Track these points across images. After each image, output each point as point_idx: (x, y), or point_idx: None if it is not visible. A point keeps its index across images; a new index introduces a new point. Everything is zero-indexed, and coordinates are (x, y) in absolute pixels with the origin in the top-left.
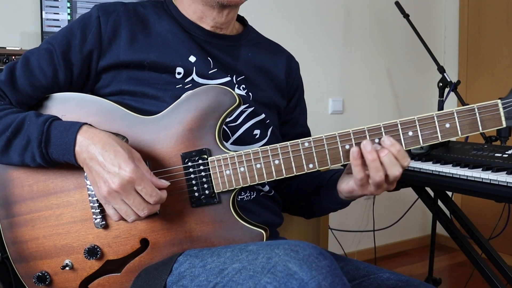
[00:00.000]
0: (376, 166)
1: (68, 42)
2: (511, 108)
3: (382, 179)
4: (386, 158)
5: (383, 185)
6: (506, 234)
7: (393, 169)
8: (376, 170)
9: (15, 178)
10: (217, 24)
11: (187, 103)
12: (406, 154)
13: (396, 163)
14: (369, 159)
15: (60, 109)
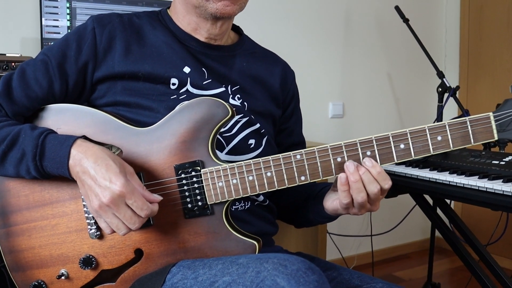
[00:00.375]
0: (358, 187)
1: (63, 54)
2: (503, 121)
3: (364, 199)
4: (365, 176)
5: (366, 206)
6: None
7: (371, 187)
8: (358, 191)
9: (11, 189)
10: (211, 35)
11: (180, 115)
12: (387, 176)
13: (374, 181)
14: (352, 180)
15: (56, 120)
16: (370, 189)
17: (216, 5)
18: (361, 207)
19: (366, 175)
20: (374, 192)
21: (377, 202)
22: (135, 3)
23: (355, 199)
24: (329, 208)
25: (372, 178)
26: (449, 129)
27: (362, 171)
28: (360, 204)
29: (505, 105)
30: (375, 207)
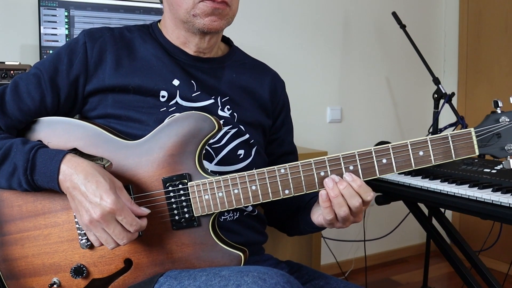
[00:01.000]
0: (339, 202)
1: (55, 68)
2: (484, 136)
3: (346, 213)
4: (346, 191)
5: (349, 219)
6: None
7: (353, 201)
8: (339, 205)
9: (5, 199)
10: (200, 49)
11: (168, 129)
12: (368, 188)
13: (356, 195)
14: (332, 195)
15: (47, 133)
16: (351, 203)
17: (203, 21)
18: (345, 220)
19: (347, 189)
20: (356, 206)
21: (360, 214)
22: (133, 10)
23: (337, 214)
24: (315, 222)
25: (353, 192)
26: (430, 144)
27: (343, 186)
28: (343, 218)
29: (487, 120)
30: (359, 219)
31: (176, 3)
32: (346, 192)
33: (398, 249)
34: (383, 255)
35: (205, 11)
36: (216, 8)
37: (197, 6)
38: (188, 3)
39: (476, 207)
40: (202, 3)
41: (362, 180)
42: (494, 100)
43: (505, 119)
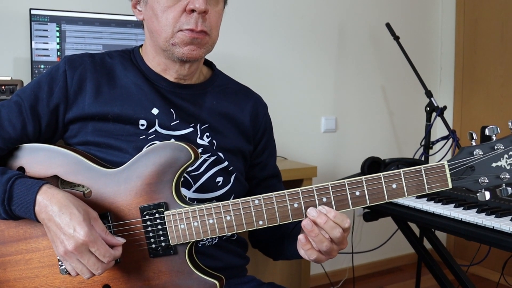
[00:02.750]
0: (320, 239)
1: (36, 96)
2: (458, 170)
3: (329, 247)
4: (327, 225)
5: (333, 249)
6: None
7: (334, 232)
8: (320, 242)
9: None
10: (180, 76)
11: (146, 158)
12: (344, 216)
13: (336, 226)
14: (312, 236)
15: (29, 160)
16: (333, 234)
17: (182, 50)
18: (330, 252)
19: (328, 223)
20: (337, 236)
21: (344, 241)
22: (124, 24)
23: (320, 249)
24: (302, 255)
25: (332, 223)
26: (404, 177)
27: (323, 220)
28: (327, 252)
29: (460, 153)
30: (344, 246)
31: (155, 31)
32: (327, 226)
33: (392, 258)
34: (376, 264)
35: (184, 40)
36: (195, 37)
37: (176, 35)
38: (167, 32)
39: (461, 229)
40: (181, 32)
41: (335, 211)
42: (469, 132)
43: (478, 152)
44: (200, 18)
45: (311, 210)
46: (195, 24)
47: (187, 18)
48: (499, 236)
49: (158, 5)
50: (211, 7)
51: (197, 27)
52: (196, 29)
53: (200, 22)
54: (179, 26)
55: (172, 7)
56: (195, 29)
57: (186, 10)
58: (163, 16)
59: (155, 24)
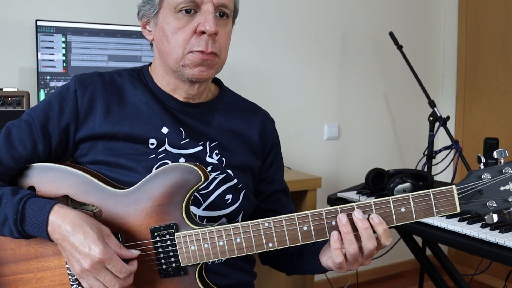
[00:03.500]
0: (350, 239)
1: (46, 116)
2: (466, 194)
3: (355, 253)
4: (366, 232)
5: (358, 259)
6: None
7: (368, 243)
8: (350, 242)
9: None
10: (189, 95)
11: (156, 180)
12: (390, 235)
13: (373, 237)
14: (344, 231)
15: (39, 179)
16: (366, 245)
17: (192, 71)
18: (354, 260)
19: (367, 230)
20: (369, 249)
21: (370, 258)
22: (129, 35)
23: (347, 252)
24: (324, 264)
25: (372, 234)
26: (412, 201)
27: (365, 226)
28: (353, 256)
29: (469, 177)
30: (368, 262)
31: (166, 52)
32: (365, 233)
33: (395, 264)
34: (379, 270)
35: (194, 61)
36: (205, 59)
37: (186, 56)
38: (178, 54)
39: (465, 244)
40: (191, 54)
41: (387, 226)
42: (477, 155)
43: (487, 176)
44: (210, 40)
45: (358, 211)
46: (205, 46)
47: (197, 40)
48: (503, 252)
49: (169, 26)
50: (220, 28)
51: (207, 49)
52: (206, 51)
53: (210, 44)
54: (189, 48)
55: (182, 29)
56: (205, 51)
57: (196, 32)
58: (173, 38)
59: (165, 45)
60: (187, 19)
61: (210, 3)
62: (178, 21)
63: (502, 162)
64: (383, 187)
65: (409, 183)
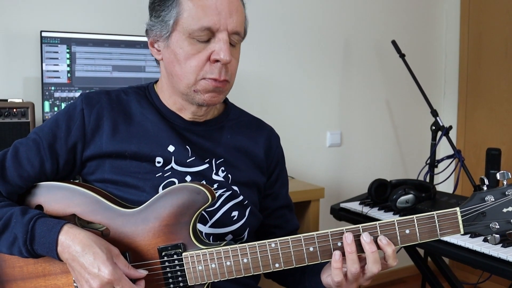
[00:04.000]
0: (352, 259)
1: (54, 135)
2: (469, 216)
3: (357, 273)
4: (373, 255)
5: (358, 279)
6: None
7: (373, 267)
8: (352, 262)
9: (6, 259)
10: (196, 116)
11: (164, 200)
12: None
13: (378, 262)
14: (348, 250)
15: (47, 198)
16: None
17: (204, 96)
18: (355, 279)
19: (374, 254)
20: (373, 272)
21: (370, 279)
22: (133, 45)
23: (348, 271)
24: (324, 281)
25: (378, 258)
26: (417, 223)
27: (373, 250)
28: (354, 276)
29: (472, 199)
30: (367, 283)
31: (177, 76)
32: (372, 257)
33: (396, 270)
34: (380, 276)
35: (206, 88)
36: (217, 86)
37: (198, 82)
38: (190, 79)
39: (468, 257)
40: (204, 80)
41: (394, 249)
42: (481, 177)
43: (490, 198)
44: (223, 68)
45: (366, 234)
46: (218, 74)
47: (210, 68)
48: (505, 266)
49: (182, 51)
50: (232, 55)
51: (220, 77)
52: (219, 79)
53: (223, 72)
54: (202, 75)
55: (196, 55)
56: (218, 79)
57: (210, 59)
58: (186, 63)
59: (177, 69)
60: (201, 45)
61: (225, 32)
62: (192, 46)
63: (505, 184)
64: (386, 198)
65: (412, 195)
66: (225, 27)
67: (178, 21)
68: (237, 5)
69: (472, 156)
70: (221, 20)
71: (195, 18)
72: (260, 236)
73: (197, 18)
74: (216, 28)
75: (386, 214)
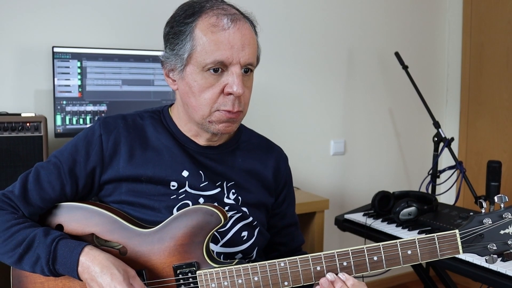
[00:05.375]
0: None
1: (73, 159)
2: (468, 238)
3: None
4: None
5: None
6: None
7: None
8: None
9: (28, 276)
10: (210, 142)
11: (179, 221)
12: (360, 284)
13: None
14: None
15: (67, 218)
16: None
17: (218, 126)
18: None
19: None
20: None
21: None
22: (142, 59)
23: None
24: None
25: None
26: (418, 244)
27: (339, 286)
28: None
29: (471, 222)
30: None
31: (192, 107)
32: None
33: (398, 276)
34: (383, 281)
35: (221, 119)
36: (231, 117)
37: (213, 114)
38: (205, 111)
39: (468, 271)
40: (218, 112)
41: (353, 279)
42: (479, 200)
43: (488, 221)
44: (237, 100)
45: (329, 274)
46: (232, 106)
47: (224, 100)
48: (505, 281)
49: (196, 84)
50: (245, 85)
51: (233, 109)
52: (233, 110)
53: (236, 103)
54: (216, 107)
55: (209, 88)
56: (232, 111)
57: (224, 92)
58: (200, 96)
59: (192, 101)
60: (215, 78)
61: (238, 65)
62: (206, 80)
63: (502, 207)
64: (389, 209)
65: (414, 207)
66: (238, 61)
67: (192, 54)
68: (250, 37)
69: (474, 164)
70: (233, 54)
71: (209, 52)
72: (266, 253)
73: (210, 52)
74: (229, 62)
75: (389, 226)
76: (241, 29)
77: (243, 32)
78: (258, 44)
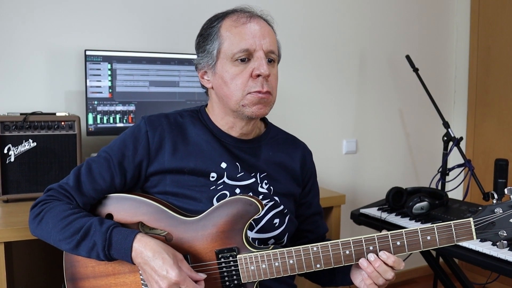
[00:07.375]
0: (375, 275)
1: (122, 153)
2: (481, 225)
3: (384, 282)
4: (380, 268)
5: (386, 284)
6: None
7: (386, 275)
8: (377, 277)
9: (80, 260)
10: (243, 132)
11: (221, 210)
12: (400, 260)
13: (388, 269)
14: (368, 272)
15: (117, 207)
16: (386, 276)
17: (252, 109)
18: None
19: (381, 267)
20: (389, 278)
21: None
22: (168, 62)
23: (377, 283)
24: (357, 285)
25: (386, 267)
26: (437, 231)
27: (378, 264)
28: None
29: (484, 211)
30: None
31: (226, 96)
32: (381, 269)
33: (408, 271)
34: None
35: (253, 101)
36: (262, 97)
37: (245, 97)
38: (238, 96)
39: (478, 260)
40: (250, 94)
41: (395, 256)
42: (491, 192)
43: (499, 210)
44: (265, 81)
45: (370, 255)
46: (261, 86)
47: (254, 82)
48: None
49: (227, 74)
50: (270, 71)
51: (263, 88)
52: (262, 90)
53: (265, 84)
54: (247, 90)
55: (239, 75)
56: (261, 90)
57: (252, 75)
58: (232, 83)
59: (225, 90)
60: (243, 66)
61: (261, 51)
62: (236, 67)
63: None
64: (402, 204)
65: (427, 202)
66: (261, 47)
67: (220, 49)
68: (268, 29)
69: (481, 163)
70: (256, 42)
71: (234, 43)
72: (294, 239)
73: (236, 43)
74: (253, 48)
75: (402, 220)
76: (259, 23)
77: (261, 25)
78: (278, 41)
